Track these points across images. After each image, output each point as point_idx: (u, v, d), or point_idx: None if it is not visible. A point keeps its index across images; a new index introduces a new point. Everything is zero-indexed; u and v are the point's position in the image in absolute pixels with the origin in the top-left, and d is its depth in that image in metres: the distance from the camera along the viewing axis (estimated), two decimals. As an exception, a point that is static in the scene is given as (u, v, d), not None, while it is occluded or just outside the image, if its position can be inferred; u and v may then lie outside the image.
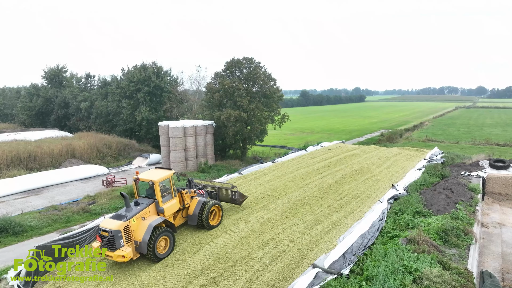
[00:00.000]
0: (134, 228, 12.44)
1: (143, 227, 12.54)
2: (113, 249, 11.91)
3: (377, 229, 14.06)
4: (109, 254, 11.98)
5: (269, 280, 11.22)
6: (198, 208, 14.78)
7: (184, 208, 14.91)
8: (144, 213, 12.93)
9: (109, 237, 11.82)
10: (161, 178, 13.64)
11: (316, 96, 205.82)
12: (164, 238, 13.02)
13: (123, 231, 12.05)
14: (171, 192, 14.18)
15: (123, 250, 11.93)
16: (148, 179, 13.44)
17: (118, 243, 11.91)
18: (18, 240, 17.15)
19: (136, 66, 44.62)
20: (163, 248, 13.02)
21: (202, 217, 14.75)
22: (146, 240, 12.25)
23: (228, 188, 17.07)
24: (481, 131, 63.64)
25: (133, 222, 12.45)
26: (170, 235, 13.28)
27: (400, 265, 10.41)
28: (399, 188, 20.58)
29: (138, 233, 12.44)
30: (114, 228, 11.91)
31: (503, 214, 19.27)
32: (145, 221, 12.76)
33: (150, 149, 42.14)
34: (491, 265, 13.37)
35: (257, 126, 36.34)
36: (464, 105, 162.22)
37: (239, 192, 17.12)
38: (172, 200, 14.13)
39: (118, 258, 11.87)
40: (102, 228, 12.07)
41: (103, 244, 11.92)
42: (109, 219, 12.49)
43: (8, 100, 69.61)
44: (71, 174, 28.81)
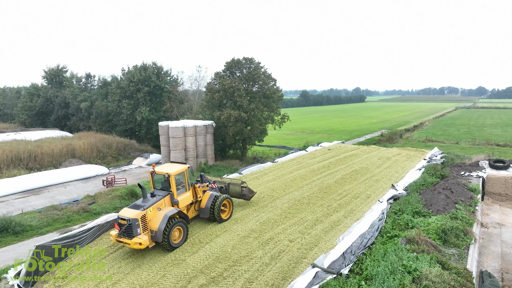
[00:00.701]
0: (150, 218, 13.10)
1: (159, 217, 13.18)
2: (131, 236, 12.54)
3: (376, 229, 14.08)
4: (126, 241, 12.56)
5: (269, 280, 11.24)
6: (210, 202, 15.49)
7: (196, 202, 15.60)
8: (160, 204, 13.60)
9: (127, 225, 12.49)
10: (176, 172, 14.34)
11: (316, 96, 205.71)
12: (178, 229, 13.74)
13: (140, 219, 12.70)
14: (185, 186, 14.92)
15: (140, 238, 12.56)
16: (164, 172, 14.15)
17: (135, 231, 12.55)
18: (18, 239, 17.15)
19: (136, 66, 44.63)
20: (177, 237, 13.73)
21: (214, 210, 15.46)
22: (161, 229, 12.89)
23: (238, 184, 17.84)
24: (481, 132, 63.64)
25: (149, 212, 13.10)
26: (184, 225, 13.96)
27: (399, 265, 10.42)
28: (399, 188, 20.59)
29: (154, 222, 13.09)
30: (132, 216, 12.57)
31: (502, 214, 19.27)
32: (161, 211, 13.41)
33: (150, 149, 42.15)
34: (491, 265, 13.38)
35: (257, 126, 36.34)
36: (464, 106, 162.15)
37: (248, 188, 17.85)
38: (186, 193, 14.89)
39: (135, 245, 12.46)
40: (121, 216, 12.74)
41: (121, 232, 12.61)
42: (127, 209, 13.17)
43: (8, 100, 69.62)
44: (71, 174, 28.82)
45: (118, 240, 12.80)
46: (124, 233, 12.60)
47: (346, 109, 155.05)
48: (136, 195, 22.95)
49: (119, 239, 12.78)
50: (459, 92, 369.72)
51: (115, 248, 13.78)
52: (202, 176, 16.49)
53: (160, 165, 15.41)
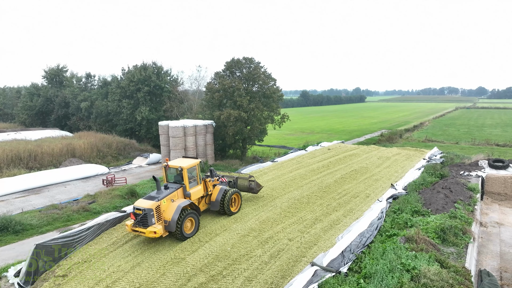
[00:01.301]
0: (164, 209, 13.78)
1: (172, 208, 13.87)
2: (146, 226, 13.22)
3: (375, 228, 14.12)
4: (141, 230, 13.22)
5: (268, 278, 11.29)
6: (220, 195, 16.17)
7: (207, 195, 16.31)
8: (173, 195, 14.29)
9: (142, 214, 13.17)
10: (189, 165, 15.07)
11: (316, 96, 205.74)
12: (190, 220, 14.41)
13: (155, 210, 13.34)
14: (196, 179, 15.64)
15: (154, 227, 13.18)
16: (177, 166, 14.90)
17: (150, 220, 13.22)
18: (19, 238, 17.19)
19: (137, 66, 44.68)
20: (189, 228, 14.40)
21: (224, 203, 16.12)
22: (175, 219, 13.59)
23: (246, 178, 18.50)
24: (481, 132, 63.68)
25: (163, 203, 13.77)
26: (196, 217, 14.65)
27: (398, 263, 10.46)
28: (398, 188, 20.64)
29: (167, 213, 13.77)
30: (147, 206, 13.21)
31: (502, 213, 19.32)
32: (174, 203, 14.10)
33: (150, 149, 42.18)
34: (489, 264, 13.42)
35: (257, 126, 36.38)
36: (464, 106, 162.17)
37: (256, 182, 18.52)
38: (197, 186, 15.60)
39: (150, 234, 13.08)
40: (136, 206, 13.40)
41: (136, 221, 13.32)
42: (142, 199, 13.81)
43: (8, 100, 69.66)
44: (71, 174, 28.85)
45: (134, 229, 13.45)
46: (140, 222, 13.28)
47: (346, 109, 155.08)
48: (136, 194, 23.01)
49: (134, 229, 13.42)
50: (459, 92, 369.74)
51: (115, 246, 13.82)
52: (211, 170, 17.05)
53: (173, 160, 16.27)
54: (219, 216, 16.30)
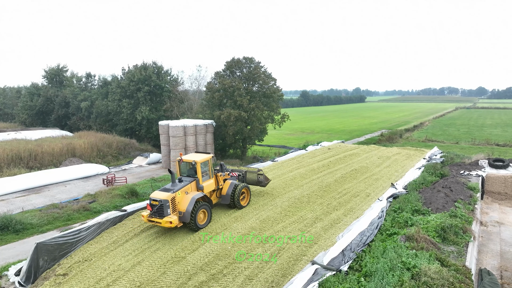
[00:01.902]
0: (179, 200, 14.39)
1: (186, 199, 14.48)
2: (161, 216, 13.83)
3: (376, 227, 14.13)
4: (157, 220, 13.84)
5: (269, 277, 11.29)
6: (231, 189, 16.78)
7: (218, 189, 16.94)
8: (187, 188, 14.92)
9: (159, 205, 13.76)
10: (202, 160, 15.73)
11: (316, 96, 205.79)
12: (203, 211, 15.05)
13: (170, 201, 13.98)
14: (209, 173, 16.29)
15: (170, 217, 13.82)
16: (191, 160, 15.51)
17: (166, 211, 13.81)
18: (19, 237, 17.21)
19: (137, 65, 44.69)
20: (202, 219, 15.02)
21: (234, 197, 16.78)
22: (189, 210, 14.17)
23: (255, 172, 19.11)
24: (481, 132, 63.68)
25: (178, 195, 14.40)
26: (208, 209, 15.32)
27: (398, 261, 10.47)
28: (399, 187, 20.65)
29: (182, 204, 14.38)
30: (163, 198, 13.83)
31: (502, 213, 19.33)
32: (188, 195, 14.75)
33: (150, 148, 42.18)
34: (490, 263, 13.44)
35: (257, 126, 36.39)
36: (464, 106, 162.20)
37: (264, 175, 19.06)
38: (209, 180, 16.25)
39: (166, 224, 13.71)
40: (153, 198, 14.00)
41: (152, 212, 13.87)
42: (158, 191, 14.44)
43: (8, 100, 69.67)
44: (72, 173, 28.85)
45: (150, 219, 14.01)
46: (156, 213, 13.86)
47: (346, 109, 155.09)
48: (136, 194, 23.03)
49: (150, 219, 13.99)
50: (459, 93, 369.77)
51: (115, 245, 13.83)
52: (222, 165, 17.58)
53: (187, 154, 16.88)
54: (219, 215, 16.31)
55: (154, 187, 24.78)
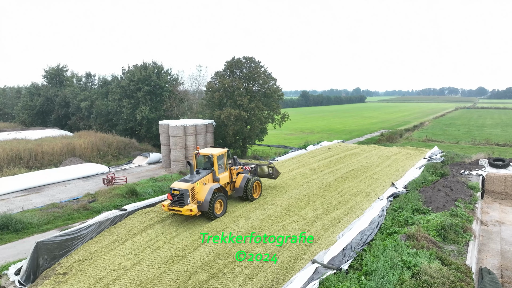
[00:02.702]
0: (197, 191, 15.38)
1: (205, 190, 15.48)
2: (182, 205, 14.86)
3: (376, 226, 14.12)
4: (178, 209, 14.86)
5: (269, 276, 11.28)
6: (244, 183, 17.74)
7: (232, 182, 17.92)
8: (204, 179, 15.89)
9: (179, 195, 14.77)
10: (218, 153, 16.80)
11: (316, 96, 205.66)
12: (219, 201, 16.00)
13: (190, 191, 14.94)
14: (224, 166, 17.31)
15: (190, 206, 14.81)
16: (208, 153, 16.66)
17: (186, 200, 14.83)
18: (19, 237, 17.17)
19: (137, 65, 44.63)
20: (219, 209, 15.99)
21: (247, 190, 17.74)
22: (208, 200, 15.15)
23: (266, 165, 20.19)
24: (481, 131, 63.65)
25: (197, 185, 15.37)
26: (224, 199, 16.33)
27: (399, 260, 10.46)
28: (399, 186, 20.64)
29: (200, 194, 15.37)
30: (184, 187, 14.85)
31: (502, 212, 19.32)
32: (206, 186, 15.73)
33: (150, 148, 42.13)
34: (490, 262, 13.42)
35: (257, 126, 36.34)
36: (464, 106, 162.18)
37: (275, 168, 20.09)
38: (224, 173, 17.34)
39: (187, 212, 14.72)
40: (173, 188, 15.03)
41: (173, 201, 14.89)
42: (178, 182, 15.44)
43: (8, 100, 69.59)
44: (72, 173, 28.81)
45: (170, 208, 15.04)
46: (176, 202, 14.89)
47: (346, 109, 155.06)
48: (136, 193, 23.01)
49: (171, 208, 15.01)
50: (459, 93, 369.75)
51: (115, 244, 13.82)
52: (235, 159, 18.50)
53: (204, 148, 18.35)
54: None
55: (154, 187, 24.76)
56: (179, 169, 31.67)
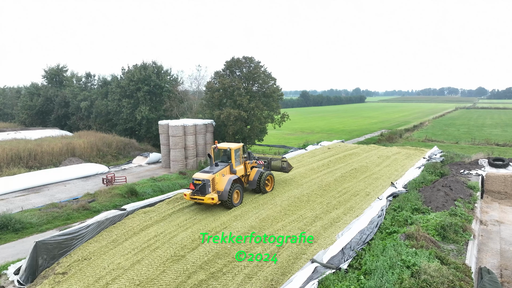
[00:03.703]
0: (217, 181, 16.59)
1: (224, 180, 16.70)
2: (204, 194, 16.04)
3: (375, 225, 14.12)
4: (200, 197, 16.09)
5: (268, 275, 11.27)
6: (257, 176, 18.78)
7: (246, 175, 18.92)
8: (223, 171, 17.08)
9: (202, 184, 16.02)
10: (235, 147, 17.92)
11: (316, 96, 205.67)
12: (237, 192, 17.21)
13: (211, 181, 16.16)
14: (239, 160, 18.43)
15: (212, 195, 16.00)
16: (226, 147, 17.87)
17: (207, 190, 16.04)
18: (18, 237, 17.16)
19: (136, 65, 44.60)
20: (236, 198, 17.23)
21: (260, 183, 18.73)
22: (227, 189, 16.37)
23: (278, 159, 21.20)
24: (481, 131, 63.65)
25: (217, 176, 16.58)
26: (241, 189, 17.56)
27: (398, 259, 10.45)
28: (398, 186, 20.64)
29: (220, 184, 16.61)
30: (206, 178, 16.11)
31: (502, 212, 19.32)
32: (225, 177, 16.92)
33: (150, 148, 42.12)
34: (490, 262, 13.42)
35: (257, 125, 36.33)
36: (464, 106, 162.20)
37: (288, 162, 21.01)
38: (240, 166, 18.47)
39: (208, 200, 15.89)
40: (196, 178, 16.27)
41: (195, 190, 16.10)
42: (200, 173, 16.70)
43: (8, 100, 69.57)
44: (71, 173, 28.79)
45: (192, 197, 16.28)
46: (198, 191, 16.08)
47: (346, 109, 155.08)
48: (136, 193, 23.01)
49: (193, 197, 16.23)
50: (459, 93, 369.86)
51: (115, 244, 13.82)
52: (249, 153, 19.63)
53: (221, 143, 19.22)
54: (219, 214, 16.31)
55: (154, 187, 24.76)
56: (179, 168, 31.66)
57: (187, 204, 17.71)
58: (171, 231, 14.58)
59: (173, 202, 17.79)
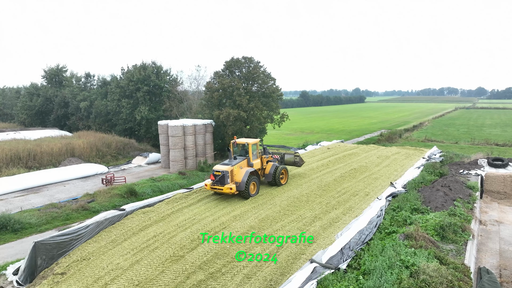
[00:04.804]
0: (235, 173, 17.99)
1: (241, 172, 18.13)
2: (223, 184, 17.51)
3: (375, 225, 14.11)
4: (219, 187, 17.61)
5: (267, 275, 11.27)
6: (273, 169, 20.08)
7: (262, 169, 20.18)
8: (241, 164, 18.50)
9: (221, 175, 17.48)
10: (253, 142, 19.37)
11: (316, 96, 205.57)
12: (253, 183, 18.62)
13: (230, 172, 17.55)
14: (256, 154, 19.80)
15: (230, 185, 17.42)
16: (244, 142, 19.42)
17: (226, 181, 17.47)
18: (17, 237, 17.16)
19: (136, 65, 44.59)
20: (253, 189, 18.58)
21: (275, 176, 20.01)
22: (244, 181, 17.77)
23: (292, 154, 22.78)
24: (481, 131, 63.66)
25: (235, 168, 18.00)
26: (257, 181, 19.00)
27: (397, 259, 10.44)
28: (398, 186, 20.62)
29: (238, 176, 18.03)
30: (225, 169, 17.54)
31: (501, 212, 19.31)
32: (243, 169, 18.35)
33: (149, 148, 42.10)
34: (489, 262, 13.41)
35: (257, 126, 36.33)
36: (464, 106, 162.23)
37: (300, 157, 22.55)
38: (257, 159, 19.83)
39: (227, 190, 17.37)
40: (216, 169, 17.75)
41: (215, 181, 17.64)
42: (219, 165, 18.15)
43: (8, 100, 69.55)
44: (71, 173, 28.78)
45: (213, 187, 17.88)
46: (218, 182, 17.56)
47: (345, 109, 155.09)
48: (135, 193, 23.01)
49: (213, 187, 17.82)
50: (458, 93, 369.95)
51: (114, 244, 13.81)
52: (265, 148, 20.98)
53: (239, 138, 20.82)
54: (218, 214, 16.31)
55: (153, 187, 24.76)
56: (178, 169, 31.65)
57: (186, 204, 17.72)
58: (170, 231, 14.57)
59: (173, 202, 17.79)
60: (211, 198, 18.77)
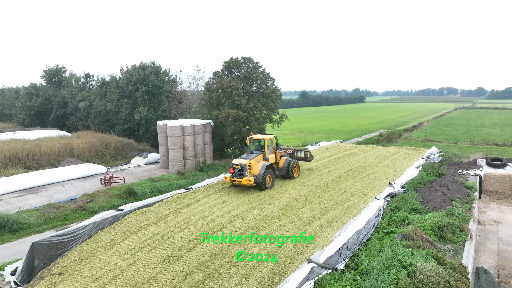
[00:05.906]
0: (253, 166, 19.40)
1: (258, 166, 19.52)
2: (241, 177, 18.91)
3: (373, 226, 14.10)
4: (238, 179, 19.02)
5: (265, 276, 11.26)
6: (286, 164, 21.51)
7: (276, 163, 21.50)
8: (257, 158, 19.89)
9: (240, 168, 18.93)
10: (268, 138, 20.81)
11: (316, 97, 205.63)
12: (269, 176, 19.92)
13: (248, 165, 19.02)
14: (271, 149, 21.20)
15: (248, 177, 18.82)
16: (261, 138, 20.83)
17: (244, 173, 18.87)
18: (16, 237, 17.15)
19: (135, 65, 44.59)
20: (268, 182, 19.90)
21: (289, 170, 21.48)
22: (261, 173, 19.17)
23: (302, 150, 24.27)
24: (480, 132, 63.67)
25: (253, 162, 19.41)
26: (273, 174, 20.38)
27: (394, 259, 10.44)
28: (396, 186, 20.62)
29: (255, 169, 19.44)
30: (244, 163, 19.01)
31: (500, 212, 19.31)
32: (259, 163, 19.73)
33: (148, 148, 42.09)
34: (487, 262, 13.41)
35: (256, 126, 36.30)
36: (464, 106, 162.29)
37: (310, 153, 24.01)
38: (272, 154, 21.22)
39: (246, 182, 18.77)
40: (235, 163, 19.22)
41: (234, 174, 19.07)
42: (238, 159, 19.56)
43: (7, 100, 69.55)
44: (69, 173, 28.76)
45: (232, 179, 19.28)
46: (237, 174, 18.98)
47: (345, 109, 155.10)
48: (134, 194, 23.00)
49: (232, 179, 19.25)
50: (458, 93, 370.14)
51: (112, 244, 13.79)
52: (277, 144, 22.14)
53: (256, 134, 22.82)
54: (216, 213, 16.30)
55: (152, 187, 24.76)
56: (177, 169, 31.63)
57: (184, 205, 17.72)
58: (168, 232, 14.56)
59: (171, 203, 17.79)
60: (209, 198, 18.77)
